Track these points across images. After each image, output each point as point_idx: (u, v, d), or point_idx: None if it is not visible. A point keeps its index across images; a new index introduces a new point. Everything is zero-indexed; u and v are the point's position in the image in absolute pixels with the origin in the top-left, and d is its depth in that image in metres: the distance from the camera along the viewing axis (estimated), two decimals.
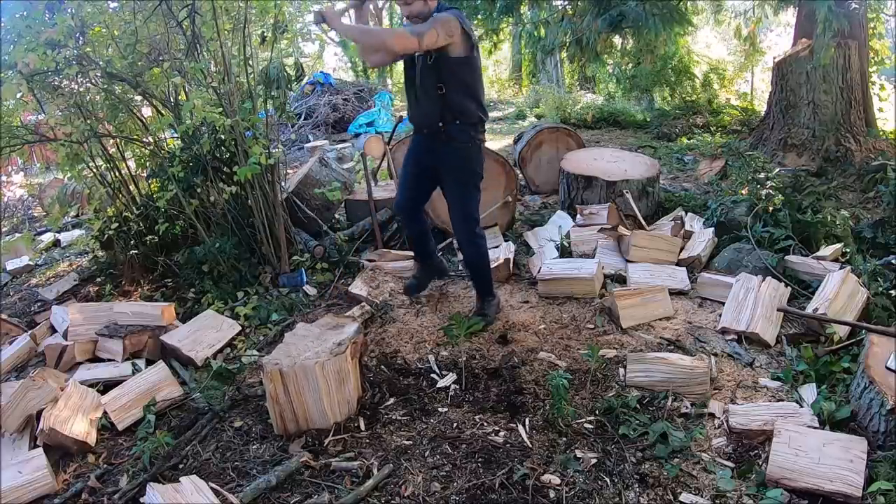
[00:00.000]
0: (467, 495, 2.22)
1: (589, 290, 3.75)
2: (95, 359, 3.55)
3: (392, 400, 2.85)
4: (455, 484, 2.28)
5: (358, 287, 3.94)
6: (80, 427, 2.73)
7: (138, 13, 4.03)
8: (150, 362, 3.40)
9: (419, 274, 3.91)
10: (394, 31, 3.03)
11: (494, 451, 2.44)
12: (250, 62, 4.27)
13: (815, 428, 2.41)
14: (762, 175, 4.85)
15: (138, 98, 4.66)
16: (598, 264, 3.90)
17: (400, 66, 3.50)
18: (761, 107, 9.74)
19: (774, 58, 7.26)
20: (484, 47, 10.33)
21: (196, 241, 4.40)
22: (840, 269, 3.48)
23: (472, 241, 3.42)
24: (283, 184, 4.85)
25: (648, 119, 10.00)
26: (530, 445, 2.47)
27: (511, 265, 4.23)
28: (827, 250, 3.89)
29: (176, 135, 4.59)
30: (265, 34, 4.41)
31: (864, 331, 2.92)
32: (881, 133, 6.91)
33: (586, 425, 2.59)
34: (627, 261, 4.12)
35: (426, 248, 3.81)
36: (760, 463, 2.31)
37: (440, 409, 2.76)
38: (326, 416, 2.64)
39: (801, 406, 2.60)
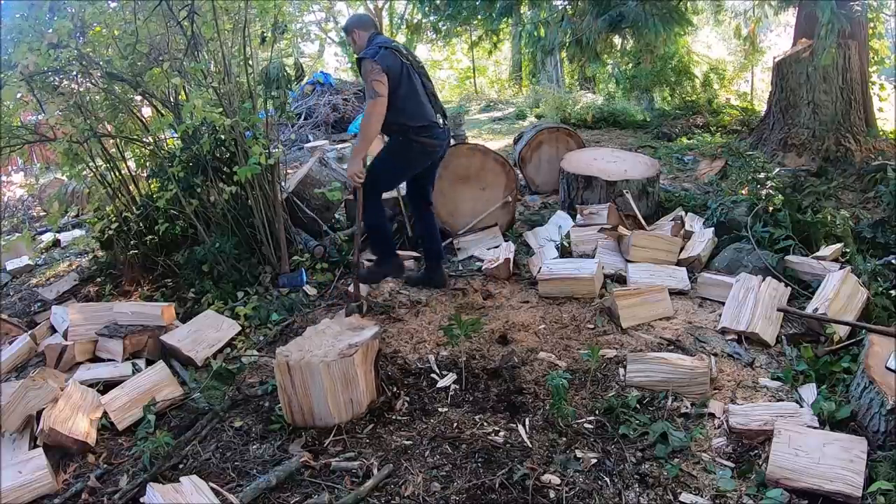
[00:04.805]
0: (467, 495, 2.22)
1: (589, 290, 3.75)
2: (95, 359, 3.55)
3: (406, 405, 2.83)
4: (455, 484, 2.28)
5: (358, 287, 3.94)
6: (80, 427, 2.73)
7: (138, 13, 4.03)
8: (150, 362, 3.40)
9: (422, 271, 4.16)
10: (366, 117, 3.53)
11: (494, 451, 2.44)
12: (250, 62, 4.27)
13: (815, 428, 2.41)
14: (762, 175, 4.85)
15: (138, 98, 4.66)
16: (598, 264, 3.89)
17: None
18: (761, 107, 9.75)
19: (774, 58, 7.27)
20: (484, 48, 10.33)
21: (196, 241, 4.40)
22: (840, 269, 3.48)
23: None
24: (283, 184, 4.85)
25: (648, 119, 10.00)
26: (530, 445, 2.47)
27: (511, 265, 4.23)
28: (827, 250, 3.89)
29: (176, 135, 4.59)
30: (265, 34, 4.41)
31: (864, 331, 2.92)
32: (881, 133, 6.91)
33: (586, 425, 2.59)
34: (627, 261, 4.12)
35: (429, 248, 4.07)
36: (760, 463, 2.31)
37: (440, 409, 2.76)
38: (331, 415, 2.65)
39: (801, 406, 2.60)
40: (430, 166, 3.92)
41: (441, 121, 3.77)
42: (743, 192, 5.02)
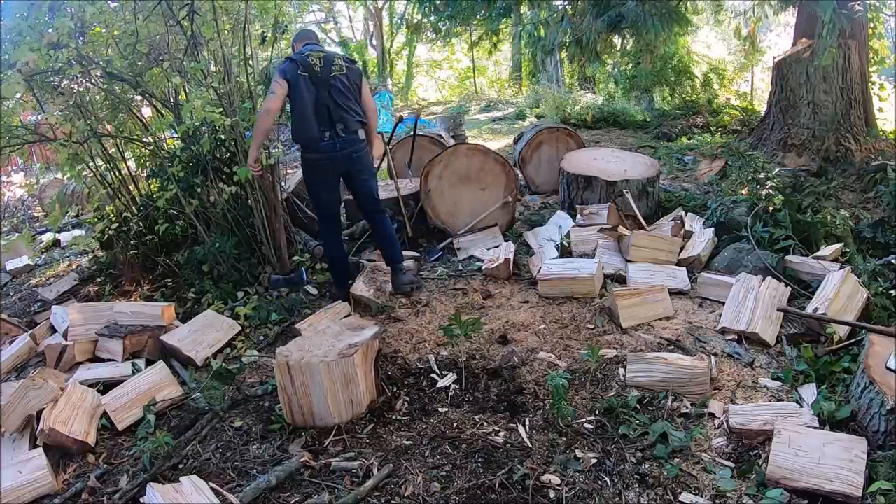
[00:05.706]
0: (467, 495, 2.22)
1: (589, 290, 3.75)
2: (95, 359, 3.55)
3: (406, 405, 2.82)
4: (455, 484, 2.28)
5: (358, 287, 3.94)
6: (80, 427, 2.74)
7: (138, 13, 4.03)
8: (150, 362, 3.40)
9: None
10: (260, 115, 3.76)
11: (494, 451, 2.44)
12: (250, 62, 4.27)
13: (815, 428, 2.41)
14: (762, 175, 4.85)
15: (138, 98, 4.66)
16: (598, 264, 3.89)
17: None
18: (761, 107, 9.75)
19: (774, 58, 7.27)
20: (484, 48, 10.34)
21: (196, 241, 4.40)
22: (840, 269, 3.48)
23: None
24: (283, 184, 4.85)
25: (648, 119, 10.01)
26: (530, 445, 2.47)
27: (511, 265, 4.23)
28: (827, 250, 3.89)
29: (176, 135, 4.59)
30: (265, 34, 4.41)
31: (864, 331, 2.92)
32: (881, 133, 6.91)
33: (586, 425, 2.59)
34: (627, 261, 4.12)
35: (383, 254, 4.17)
36: (760, 463, 2.31)
37: (440, 409, 2.76)
38: (331, 415, 2.65)
39: (801, 406, 2.60)
40: (347, 176, 3.86)
41: (327, 134, 3.68)
42: (743, 192, 5.02)
